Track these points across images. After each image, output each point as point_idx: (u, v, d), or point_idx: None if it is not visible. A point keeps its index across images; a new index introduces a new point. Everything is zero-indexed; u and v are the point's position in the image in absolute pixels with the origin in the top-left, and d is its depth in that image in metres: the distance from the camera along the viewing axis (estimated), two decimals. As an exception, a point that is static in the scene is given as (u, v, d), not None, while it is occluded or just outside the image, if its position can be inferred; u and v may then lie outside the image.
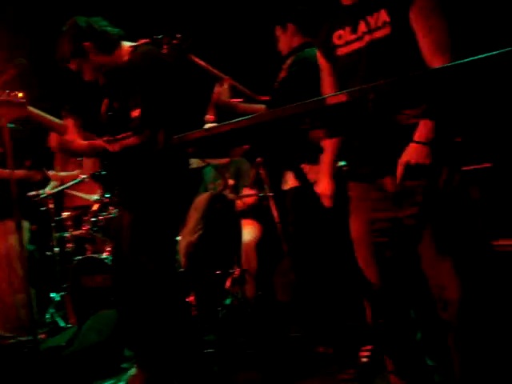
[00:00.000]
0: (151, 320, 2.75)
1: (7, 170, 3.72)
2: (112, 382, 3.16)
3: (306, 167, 2.81)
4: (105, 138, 2.58)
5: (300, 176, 1.95)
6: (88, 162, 4.90)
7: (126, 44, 2.78)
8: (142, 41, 2.78)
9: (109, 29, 2.74)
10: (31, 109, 2.71)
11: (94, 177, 4.53)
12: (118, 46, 2.75)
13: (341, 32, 2.14)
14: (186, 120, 2.96)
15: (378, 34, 2.00)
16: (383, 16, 1.99)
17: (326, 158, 2.31)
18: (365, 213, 2.09)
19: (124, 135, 2.55)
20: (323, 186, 2.27)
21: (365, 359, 2.67)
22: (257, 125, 1.79)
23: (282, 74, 3.04)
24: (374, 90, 1.59)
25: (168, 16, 5.10)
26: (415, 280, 2.03)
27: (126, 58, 2.73)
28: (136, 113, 2.56)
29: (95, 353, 3.36)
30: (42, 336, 4.18)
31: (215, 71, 3.12)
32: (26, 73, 2.91)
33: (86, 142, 2.68)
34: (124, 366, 3.36)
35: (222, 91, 3.14)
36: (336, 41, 2.15)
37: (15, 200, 2.97)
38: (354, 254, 2.15)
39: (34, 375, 2.90)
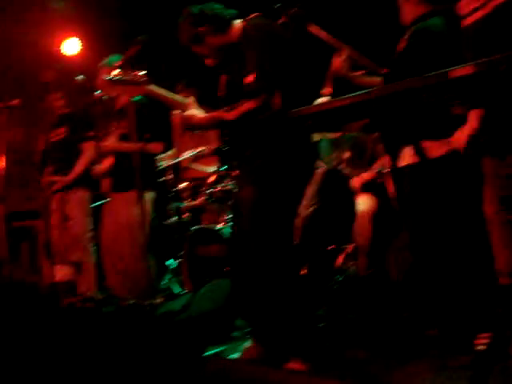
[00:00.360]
0: (267, 292, 2.77)
1: (129, 144, 3.94)
2: (222, 349, 3.24)
3: (427, 143, 2.69)
4: (224, 108, 2.61)
5: (419, 152, 1.87)
6: (206, 136, 5.03)
7: (239, 21, 2.82)
8: (253, 15, 2.78)
9: (220, 10, 2.80)
10: (152, 87, 2.80)
11: (217, 152, 4.66)
12: (230, 25, 2.80)
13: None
14: (303, 91, 2.93)
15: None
16: None
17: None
18: (497, 189, 1.95)
19: (240, 103, 2.58)
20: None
21: (481, 347, 2.54)
22: (375, 99, 1.74)
23: (401, 45, 2.90)
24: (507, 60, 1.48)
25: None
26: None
27: (239, 33, 2.78)
28: (250, 78, 2.57)
29: (208, 320, 3.46)
30: (159, 301, 4.38)
31: (334, 41, 3.02)
32: (147, 49, 3.01)
33: (205, 116, 2.72)
34: (235, 334, 3.44)
35: (340, 62, 3.03)
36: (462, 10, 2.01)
37: (137, 171, 3.10)
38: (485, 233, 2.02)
39: (150, 336, 3.04)
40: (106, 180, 4.49)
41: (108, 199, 4.59)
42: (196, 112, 2.76)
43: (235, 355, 2.99)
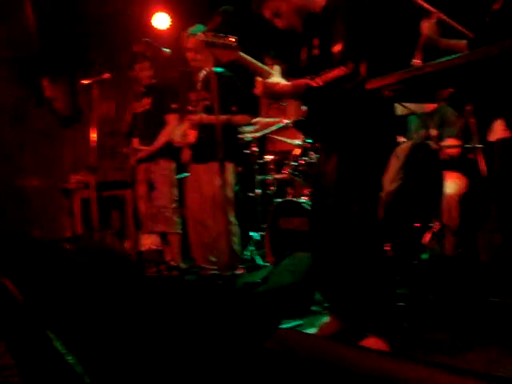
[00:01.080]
0: (348, 268, 2.72)
1: (214, 115, 3.97)
2: (300, 322, 3.22)
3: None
4: (308, 77, 2.55)
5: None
6: (291, 108, 4.97)
7: None
8: None
9: None
10: (242, 53, 2.78)
11: (297, 124, 4.61)
12: None
13: None
14: (393, 61, 2.81)
15: None
16: None
17: None
18: None
19: (327, 70, 2.51)
20: None
21: None
22: (463, 65, 1.62)
23: (495, 6, 2.69)
24: None
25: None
26: None
27: (322, 2, 2.68)
28: (338, 47, 2.51)
29: (287, 293, 3.46)
30: (241, 271, 4.43)
31: (424, 4, 2.86)
32: (231, 19, 2.98)
33: (289, 83, 2.67)
34: (314, 308, 3.42)
35: (430, 26, 2.87)
36: None
37: (221, 143, 3.11)
38: None
39: (228, 307, 3.08)
40: (187, 151, 4.54)
41: (190, 170, 4.65)
42: (281, 80, 2.71)
43: (312, 330, 2.96)
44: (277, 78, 2.71)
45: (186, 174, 4.74)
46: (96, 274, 3.39)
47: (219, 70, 4.29)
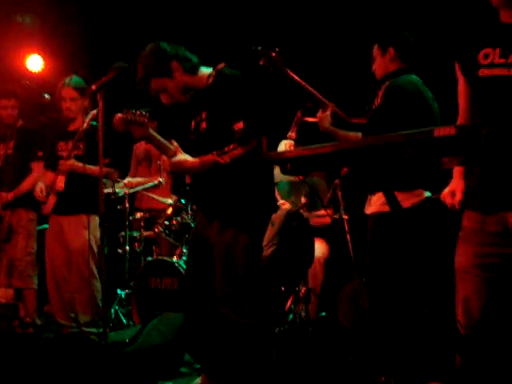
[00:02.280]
0: (222, 330, 2.76)
1: (88, 166, 3.89)
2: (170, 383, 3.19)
3: (398, 194, 2.79)
4: (214, 152, 2.63)
5: (392, 201, 1.92)
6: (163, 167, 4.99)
7: (204, 69, 2.87)
8: (221, 65, 2.84)
9: (188, 53, 2.86)
10: (151, 131, 2.81)
11: (175, 190, 4.64)
12: (199, 69, 2.85)
13: (488, 51, 2.00)
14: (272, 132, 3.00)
15: None
16: None
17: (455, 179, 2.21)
18: (476, 245, 1.99)
19: (231, 147, 2.60)
20: (453, 185, 2.17)
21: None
22: (358, 149, 1.79)
23: (377, 100, 3.01)
24: (488, 124, 1.55)
25: (266, 29, 5.17)
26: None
27: (209, 81, 2.82)
28: (239, 125, 2.62)
29: (156, 353, 3.40)
30: (104, 330, 4.26)
31: (318, 95, 3.13)
32: (123, 76, 2.99)
33: (197, 160, 2.72)
34: (183, 370, 3.39)
35: (324, 117, 3.14)
36: (481, 60, 2.01)
37: (100, 195, 3.03)
38: (455, 285, 2.06)
39: (95, 366, 2.96)
40: (51, 200, 4.32)
41: (52, 221, 4.44)
42: (186, 157, 2.76)
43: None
44: (183, 156, 2.75)
45: (46, 226, 4.53)
46: None
47: (94, 123, 4.24)
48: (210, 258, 2.77)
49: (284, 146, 4.77)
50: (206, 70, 2.87)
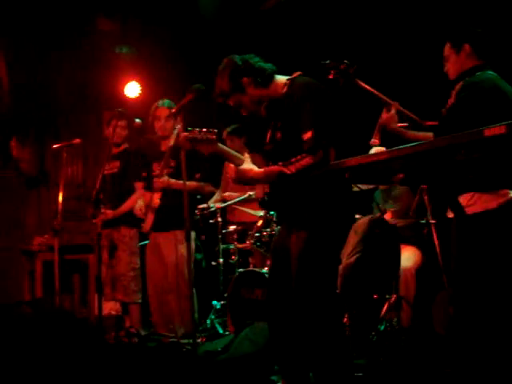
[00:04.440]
0: (304, 338, 2.81)
1: (180, 181, 4.07)
2: (260, 391, 3.27)
3: (476, 195, 2.73)
4: (280, 163, 2.68)
5: (455, 206, 1.91)
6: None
7: (280, 77, 2.93)
8: (296, 73, 2.89)
9: (262, 64, 2.92)
10: (220, 145, 2.94)
11: (262, 203, 4.74)
12: (272, 79, 2.91)
13: None
14: (350, 143, 3.02)
15: None
16: None
17: None
18: None
19: (299, 157, 2.64)
20: None
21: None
22: (416, 153, 1.80)
23: (451, 100, 2.94)
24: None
25: (335, 42, 5.20)
26: None
27: (283, 90, 2.88)
28: (308, 135, 2.66)
29: (247, 362, 3.50)
30: (202, 340, 4.45)
31: (382, 96, 3.11)
32: (201, 97, 3.15)
33: (262, 170, 2.82)
34: (273, 378, 3.46)
35: (389, 117, 3.12)
36: None
37: (187, 211, 3.20)
38: None
39: (190, 374, 3.10)
40: (150, 218, 4.57)
41: (151, 237, 4.69)
42: (253, 166, 2.86)
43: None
44: (248, 165, 2.86)
45: (147, 242, 4.79)
46: (54, 338, 3.37)
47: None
48: (290, 268, 2.82)
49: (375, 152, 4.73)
50: (281, 79, 2.93)
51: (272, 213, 4.64)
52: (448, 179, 1.87)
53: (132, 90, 6.18)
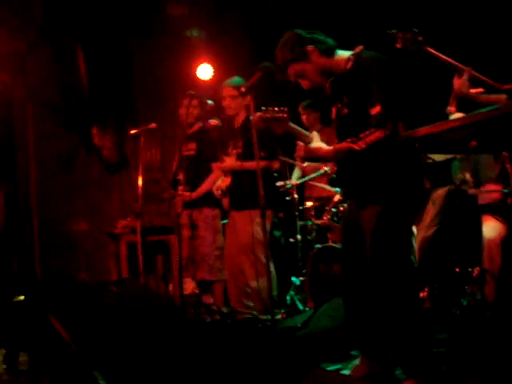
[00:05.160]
0: (382, 312, 2.80)
1: (247, 163, 4.09)
2: (339, 366, 3.27)
3: None
4: (348, 140, 2.68)
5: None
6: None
7: (343, 52, 2.89)
8: (359, 48, 2.84)
9: (324, 37, 2.89)
10: (290, 124, 2.93)
11: (332, 182, 4.69)
12: (335, 52, 2.87)
13: None
14: (424, 112, 2.93)
15: None
16: None
17: None
18: None
19: (367, 132, 2.64)
20: None
21: None
22: (483, 121, 1.73)
23: None
24: None
25: (403, 10, 5.03)
26: None
27: (348, 65, 2.84)
28: (376, 109, 2.64)
29: (326, 337, 3.51)
30: (282, 316, 4.49)
31: (454, 62, 2.99)
32: (270, 75, 3.14)
33: (331, 148, 2.80)
34: (353, 352, 3.45)
35: (461, 82, 3.00)
36: None
37: (259, 190, 3.23)
38: None
39: (269, 350, 3.14)
40: (226, 199, 4.65)
41: (228, 217, 4.75)
42: (322, 144, 2.84)
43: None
44: (318, 143, 2.84)
45: (226, 221, 4.86)
46: (140, 317, 3.50)
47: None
48: (363, 243, 2.82)
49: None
50: (343, 54, 2.89)
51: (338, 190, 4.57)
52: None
53: (204, 72, 6.24)
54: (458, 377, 2.89)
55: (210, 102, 4.61)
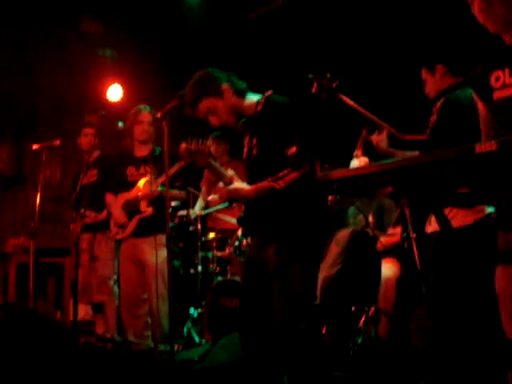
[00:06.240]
0: (281, 350, 2.80)
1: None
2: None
3: (452, 211, 2.74)
4: (269, 179, 2.70)
5: (442, 220, 1.91)
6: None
7: (254, 95, 2.95)
8: (269, 92, 2.91)
9: (237, 79, 2.95)
10: (211, 160, 2.92)
11: (239, 221, 4.73)
12: (247, 94, 2.94)
13: (499, 73, 2.02)
14: (333, 154, 3.03)
15: None
16: None
17: None
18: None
19: (286, 172, 2.68)
20: None
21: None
22: (401, 168, 1.80)
23: (434, 118, 2.98)
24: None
25: (317, 57, 5.23)
26: None
27: (259, 107, 2.89)
28: (292, 150, 2.70)
29: (224, 371, 3.47)
30: (178, 348, 4.40)
31: (374, 118, 3.14)
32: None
33: (253, 188, 2.80)
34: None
35: (380, 139, 3.14)
36: (493, 83, 2.04)
37: (168, 216, 3.16)
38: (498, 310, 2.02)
39: (167, 382, 3.06)
40: (131, 225, 4.51)
41: (127, 244, 4.61)
42: (242, 184, 2.85)
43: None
44: (239, 184, 2.84)
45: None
46: (28, 343, 3.31)
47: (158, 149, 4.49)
48: (265, 282, 2.82)
49: (359, 163, 4.74)
50: (254, 97, 2.95)
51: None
52: (435, 193, 1.88)
53: (114, 93, 6.10)
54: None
55: (120, 124, 4.50)
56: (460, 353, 2.94)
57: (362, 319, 4.07)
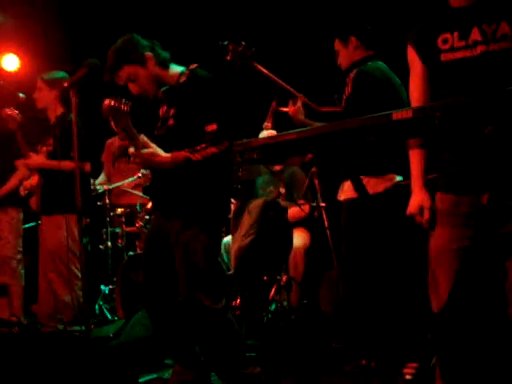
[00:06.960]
0: (193, 321, 2.83)
1: (56, 161, 3.87)
2: (155, 376, 3.24)
3: (364, 179, 2.84)
4: (186, 150, 2.68)
5: (359, 187, 1.97)
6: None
7: (177, 67, 2.91)
8: (194, 65, 2.89)
9: (161, 49, 2.90)
10: (129, 121, 2.82)
11: (145, 191, 4.64)
12: (170, 65, 2.90)
13: (447, 36, 2.04)
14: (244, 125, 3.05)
15: (495, 47, 1.95)
16: (504, 28, 1.94)
17: (414, 171, 2.14)
18: (451, 227, 2.02)
19: (203, 145, 2.67)
20: (419, 200, 2.10)
21: (409, 376, 2.66)
22: (320, 135, 1.84)
23: (348, 89, 3.05)
24: (442, 108, 1.61)
25: (233, 24, 5.20)
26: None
27: (181, 79, 2.86)
28: (213, 127, 2.69)
29: (140, 346, 3.44)
30: (90, 326, 4.28)
31: (288, 87, 3.15)
32: (95, 73, 3.00)
33: (169, 156, 2.74)
34: (167, 361, 3.43)
35: (296, 109, 3.16)
36: (440, 44, 2.05)
37: (78, 192, 3.02)
38: (428, 269, 2.10)
39: (83, 361, 2.99)
40: (33, 199, 4.33)
41: (39, 221, 4.46)
42: (158, 151, 2.77)
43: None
44: (154, 149, 2.76)
45: (33, 224, 4.54)
46: None
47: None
48: (169, 256, 2.84)
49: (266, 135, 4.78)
50: (177, 68, 2.91)
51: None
52: (353, 161, 1.94)
53: (10, 62, 5.76)
54: (271, 378, 3.01)
55: (21, 95, 4.26)
56: (369, 317, 3.08)
57: (274, 288, 4.16)
